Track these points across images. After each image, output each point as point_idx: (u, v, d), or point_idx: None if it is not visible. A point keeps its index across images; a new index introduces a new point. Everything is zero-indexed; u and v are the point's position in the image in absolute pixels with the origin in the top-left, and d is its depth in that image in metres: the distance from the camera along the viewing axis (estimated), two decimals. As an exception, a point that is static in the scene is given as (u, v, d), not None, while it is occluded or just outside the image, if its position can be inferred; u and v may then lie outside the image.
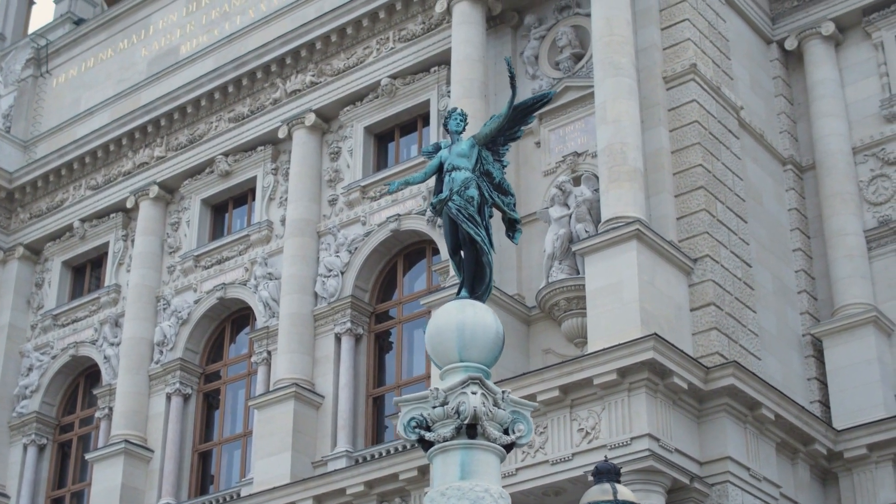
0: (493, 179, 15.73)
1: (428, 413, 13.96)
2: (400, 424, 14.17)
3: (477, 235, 15.28)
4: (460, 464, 13.37)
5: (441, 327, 14.52)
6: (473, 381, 13.63)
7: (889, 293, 31.46)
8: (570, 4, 33.14)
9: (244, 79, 38.95)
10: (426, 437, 13.97)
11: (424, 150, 16.88)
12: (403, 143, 36.70)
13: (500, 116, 15.90)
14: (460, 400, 13.68)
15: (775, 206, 32.62)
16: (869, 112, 33.16)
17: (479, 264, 15.41)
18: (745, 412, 27.42)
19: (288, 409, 33.63)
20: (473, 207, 15.36)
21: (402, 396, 14.24)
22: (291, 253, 35.95)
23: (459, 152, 15.77)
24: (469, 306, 14.59)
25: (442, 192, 15.74)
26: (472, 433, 13.69)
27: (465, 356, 14.23)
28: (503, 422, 13.87)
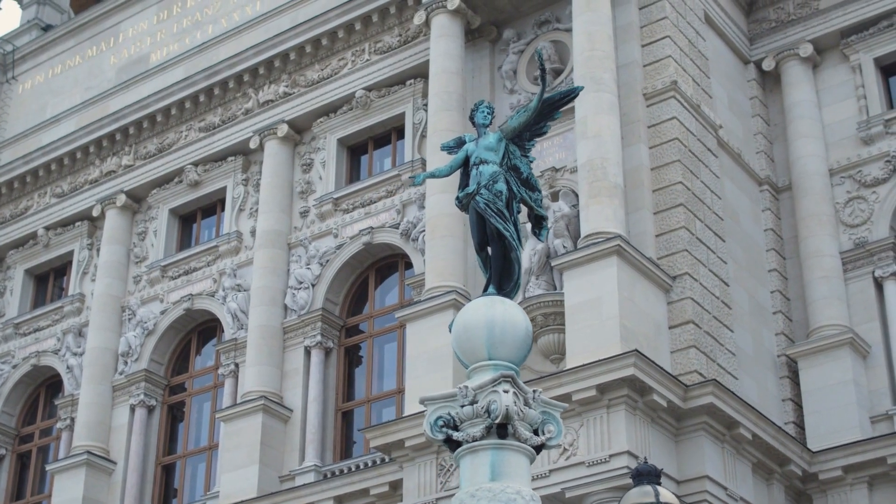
0: (520, 174, 15.35)
1: (456, 412, 13.51)
2: (426, 423, 13.69)
3: (506, 230, 14.88)
4: (490, 464, 12.93)
5: (469, 324, 14.06)
6: (505, 380, 13.18)
7: (864, 315, 31.36)
8: (550, 19, 32.96)
9: (216, 88, 38.55)
10: (454, 436, 13.53)
11: (444, 144, 16.52)
12: (377, 155, 36.38)
13: (529, 110, 15.52)
14: (491, 398, 13.23)
15: (752, 227, 32.51)
16: (846, 134, 33.11)
17: (506, 260, 15.01)
18: (724, 431, 27.21)
19: (256, 422, 33.18)
20: (502, 202, 14.96)
21: (428, 395, 13.79)
22: (261, 264, 35.53)
23: (487, 145, 15.37)
24: (499, 303, 14.13)
25: (468, 186, 15.32)
26: (502, 433, 13.25)
27: (493, 354, 13.76)
28: (533, 422, 13.45)
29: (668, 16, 31.43)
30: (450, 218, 30.48)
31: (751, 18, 35.11)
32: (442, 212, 30.60)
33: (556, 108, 15.56)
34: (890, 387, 30.61)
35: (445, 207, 30.55)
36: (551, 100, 15.53)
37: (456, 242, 30.35)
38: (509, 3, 33.24)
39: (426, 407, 13.76)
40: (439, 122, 31.75)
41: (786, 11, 34.57)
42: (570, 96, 15.72)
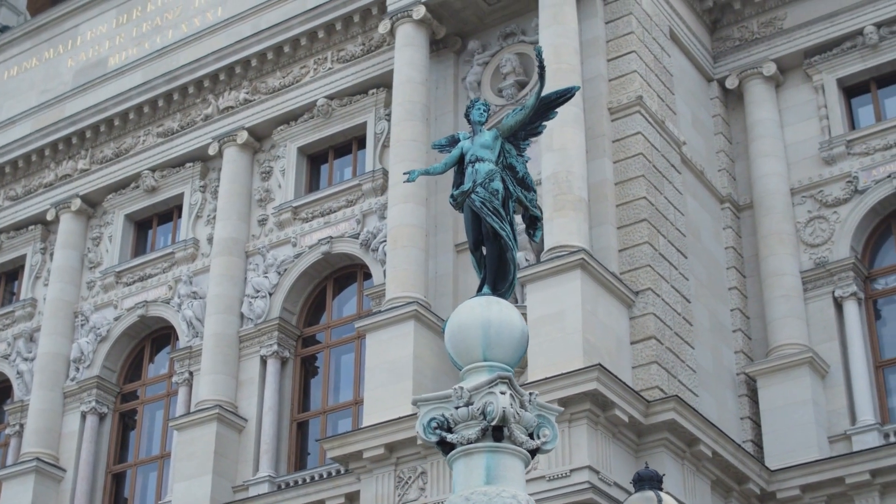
0: (516, 173, 15.10)
1: (450, 413, 13.21)
2: (419, 425, 13.39)
3: (502, 230, 14.64)
4: (485, 468, 12.62)
5: (464, 324, 13.76)
6: (502, 381, 12.92)
7: (824, 335, 31.37)
8: (515, 32, 32.84)
9: (175, 93, 38.16)
10: (448, 438, 13.24)
11: (436, 142, 16.28)
12: (337, 165, 36.11)
13: (526, 108, 15.31)
14: (487, 400, 12.93)
15: (713, 244, 32.48)
16: (808, 154, 33.16)
17: (502, 260, 14.76)
18: (684, 448, 27.10)
19: (210, 432, 32.79)
20: (498, 201, 14.72)
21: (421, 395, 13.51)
22: (218, 272, 35.15)
23: (483, 143, 15.12)
24: (494, 303, 13.84)
25: (463, 184, 15.07)
26: (497, 436, 12.95)
27: (489, 355, 13.48)
28: (529, 425, 13.14)
29: (635, 31, 31.39)
30: (412, 228, 30.30)
31: (715, 36, 35.13)
32: (404, 222, 30.40)
33: (552, 108, 15.38)
34: (848, 407, 30.62)
35: (408, 217, 30.39)
36: (547, 99, 15.35)
37: (418, 253, 30.13)
38: (474, 14, 33.11)
39: (419, 408, 13.48)
40: (402, 132, 31.55)
41: (750, 30, 34.62)
42: (566, 96, 15.55)
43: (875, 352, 31.37)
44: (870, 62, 33.19)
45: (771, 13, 34.45)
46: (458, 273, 30.95)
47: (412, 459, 27.49)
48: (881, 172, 31.99)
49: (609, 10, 31.82)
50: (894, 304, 31.94)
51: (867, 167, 32.17)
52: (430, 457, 27.17)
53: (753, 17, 34.65)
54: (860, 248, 32.11)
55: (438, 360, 29.06)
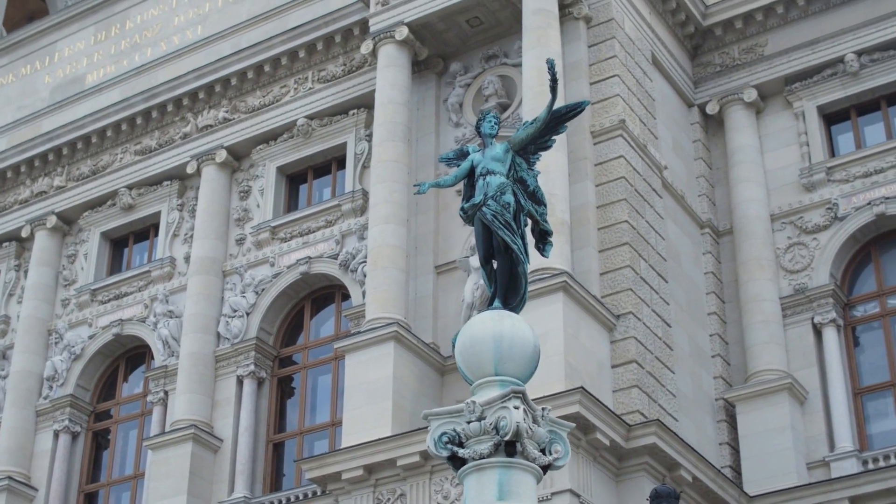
0: (527, 187, 14.95)
1: (462, 428, 13.02)
2: (430, 439, 13.18)
3: (513, 244, 14.47)
4: (498, 483, 12.43)
5: (476, 338, 13.57)
6: (516, 395, 12.75)
7: (802, 361, 31.38)
8: (498, 54, 32.80)
9: (154, 111, 38.00)
10: (459, 453, 13.05)
11: (443, 155, 16.13)
12: (317, 185, 35.97)
13: (538, 121, 15.19)
14: (500, 415, 12.74)
15: (693, 269, 32.47)
16: (788, 180, 33.22)
17: (513, 274, 14.62)
18: (664, 472, 27.02)
19: (185, 452, 32.57)
20: (510, 214, 14.56)
21: (432, 409, 13.32)
22: (195, 291, 34.95)
23: (494, 156, 14.97)
24: (507, 317, 13.69)
25: (473, 196, 14.92)
26: (510, 451, 12.78)
27: (500, 370, 13.29)
28: (541, 441, 12.98)
29: (618, 54, 31.41)
30: (392, 249, 30.16)
31: (696, 62, 35.19)
32: (385, 242, 30.26)
33: (562, 122, 15.27)
34: (827, 433, 30.61)
35: (389, 238, 30.25)
36: (558, 113, 15.23)
37: (398, 274, 29.98)
38: (457, 36, 33.07)
39: (429, 422, 13.29)
40: (384, 153, 31.44)
41: (731, 56, 34.69)
42: (576, 110, 15.44)
43: (854, 378, 31.39)
44: (850, 90, 33.30)
45: (752, 40, 34.55)
46: (438, 294, 30.84)
47: (391, 481, 27.29)
48: (861, 199, 32.06)
49: (592, 33, 31.84)
50: (873, 331, 31.97)
51: (847, 194, 32.25)
52: (410, 479, 27.03)
53: (734, 43, 34.73)
54: (839, 274, 32.16)
55: (418, 381, 28.94)
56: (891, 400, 31.11)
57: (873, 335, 31.92)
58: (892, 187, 31.84)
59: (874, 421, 31.19)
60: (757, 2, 34.43)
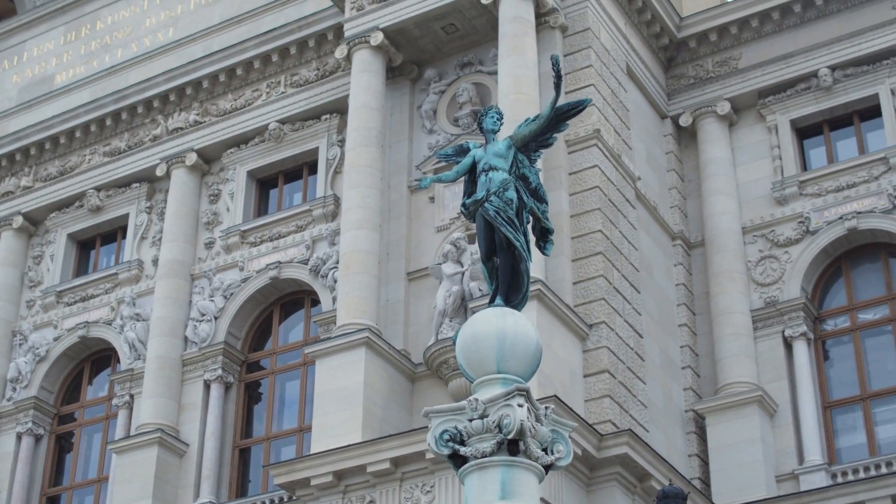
0: (528, 184, 14.81)
1: (464, 426, 12.85)
2: (430, 437, 12.98)
3: (516, 240, 14.31)
4: (501, 482, 12.25)
5: (479, 335, 13.38)
6: (520, 393, 12.58)
7: (772, 374, 31.39)
8: (473, 62, 32.71)
9: (123, 112, 37.72)
10: (461, 451, 12.87)
11: (441, 152, 15.96)
12: (287, 190, 35.78)
13: (541, 118, 15.05)
14: (504, 413, 12.57)
15: (664, 280, 32.44)
16: (760, 193, 33.25)
17: (515, 272, 14.46)
18: (635, 483, 26.95)
19: (150, 456, 32.31)
20: (512, 210, 14.40)
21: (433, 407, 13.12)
22: (163, 294, 34.68)
23: (496, 152, 14.81)
24: (510, 314, 13.52)
25: (475, 192, 14.75)
26: (513, 450, 12.63)
27: (503, 367, 13.11)
28: (544, 440, 12.83)
29: (593, 64, 31.39)
30: (365, 255, 29.98)
31: (669, 74, 35.20)
32: (357, 248, 30.07)
33: (564, 120, 15.14)
34: (796, 446, 30.63)
35: (361, 243, 30.08)
36: (560, 111, 15.10)
37: (370, 280, 29.80)
38: (432, 42, 32.94)
39: (430, 419, 13.10)
40: (357, 158, 31.27)
41: (704, 69, 34.72)
42: (577, 108, 15.32)
43: (823, 392, 31.42)
44: (823, 104, 33.37)
45: (726, 53, 34.60)
46: (409, 301, 30.68)
47: (361, 488, 27.09)
48: (833, 214, 32.12)
49: (568, 42, 31.81)
50: (843, 345, 32.01)
51: (819, 208, 32.30)
52: (380, 486, 26.85)
53: (708, 56, 34.77)
54: (810, 288, 32.20)
55: (389, 387, 28.78)
56: (860, 414, 31.15)
57: (843, 349, 31.95)
58: (864, 202, 31.90)
59: (843, 435, 31.21)
60: (731, 15, 34.49)
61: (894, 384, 31.02)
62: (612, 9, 33.03)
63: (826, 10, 33.58)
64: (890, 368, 31.32)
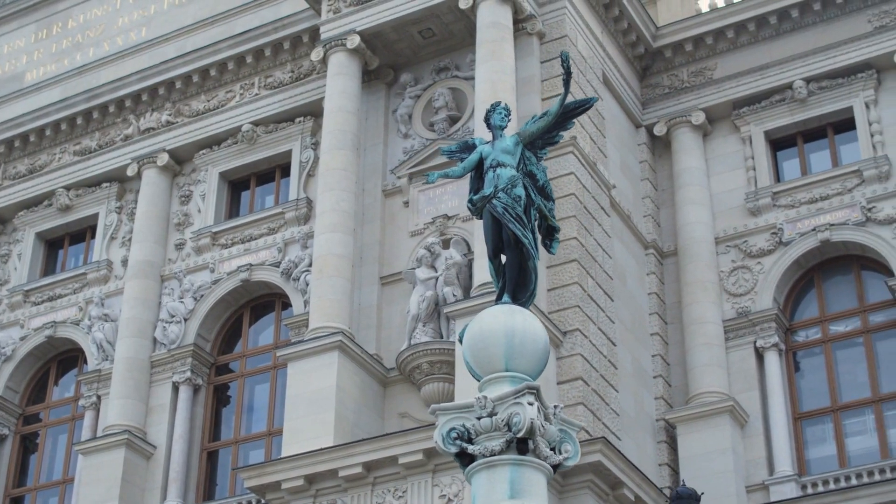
0: (536, 181, 14.69)
1: (472, 424, 12.72)
2: (437, 435, 12.83)
3: (524, 237, 14.17)
4: (510, 481, 12.15)
5: (486, 332, 13.24)
6: (530, 392, 12.45)
7: (743, 384, 31.40)
8: (449, 66, 32.63)
9: (95, 111, 37.43)
10: (469, 450, 12.74)
11: (445, 148, 15.83)
12: (259, 192, 35.59)
13: (549, 115, 14.96)
14: (513, 411, 12.44)
15: (637, 289, 32.41)
16: (734, 204, 33.28)
17: (522, 269, 14.32)
18: (608, 491, 26.85)
19: (117, 457, 32.05)
20: (521, 207, 14.27)
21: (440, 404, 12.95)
22: (132, 295, 34.40)
23: (504, 148, 14.69)
24: (518, 312, 13.37)
25: (482, 189, 14.61)
26: (522, 449, 12.49)
27: (511, 365, 12.98)
28: (552, 440, 12.72)
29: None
30: (338, 258, 29.83)
31: (644, 83, 35.20)
32: (331, 251, 29.91)
33: (570, 118, 15.08)
34: (766, 457, 30.64)
35: (335, 247, 29.92)
36: (567, 108, 15.01)
37: (343, 283, 29.63)
38: (408, 47, 32.84)
39: (437, 417, 12.95)
40: (332, 161, 31.11)
41: (679, 79, 34.75)
42: (584, 106, 15.26)
43: (794, 403, 31.46)
44: (797, 116, 33.44)
45: (701, 63, 34.63)
46: (382, 305, 30.54)
47: (332, 492, 26.92)
48: (806, 226, 32.18)
49: (545, 49, 31.76)
50: (814, 356, 32.05)
51: (792, 220, 32.35)
52: (351, 490, 26.70)
53: (684, 65, 34.81)
54: (782, 299, 32.25)
55: (361, 392, 28.64)
56: (830, 426, 31.20)
57: (814, 360, 32.00)
58: (837, 214, 31.97)
59: (813, 446, 31.25)
60: (707, 26, 34.55)
61: (865, 396, 31.08)
62: (590, 16, 33.02)
63: (802, 23, 33.67)
64: (860, 380, 31.40)
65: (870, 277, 32.02)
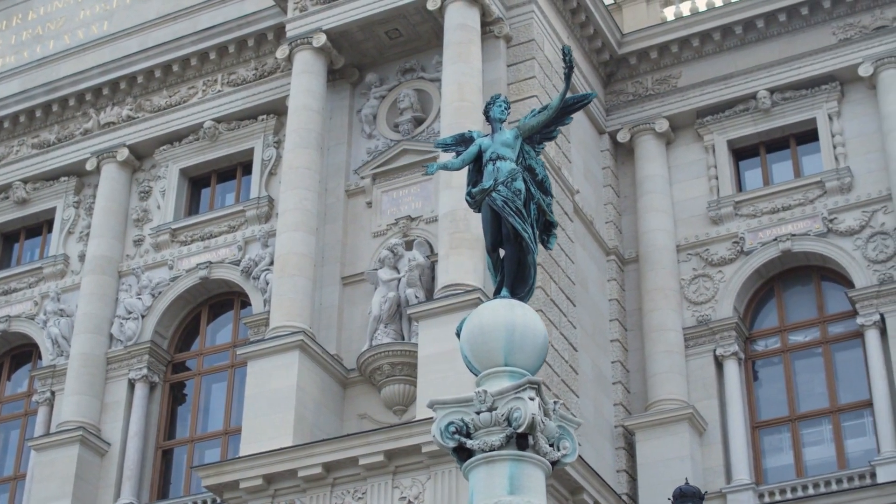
0: (535, 176, 14.57)
1: (471, 418, 12.57)
2: (435, 428, 12.68)
3: (524, 231, 14.03)
4: (509, 476, 11.98)
5: (486, 326, 13.07)
6: (532, 387, 12.33)
7: (703, 393, 31.44)
8: (415, 68, 32.50)
9: (55, 105, 37.04)
10: (467, 444, 12.60)
11: (440, 141, 15.65)
12: (220, 189, 35.34)
13: (550, 109, 14.78)
14: (514, 406, 12.28)
15: (598, 295, 32.40)
16: (696, 212, 33.31)
17: (522, 263, 14.19)
18: (567, 496, 26.85)
19: (71, 454, 31.71)
20: (520, 201, 14.15)
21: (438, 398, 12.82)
22: (89, 290, 34.07)
23: (504, 142, 14.54)
24: (518, 307, 13.22)
25: (480, 181, 14.47)
26: (522, 444, 12.36)
27: (511, 360, 12.82)
28: (551, 436, 12.59)
29: (537, 75, 31.33)
30: (300, 257, 29.64)
31: (608, 89, 35.21)
32: (293, 250, 29.71)
33: (569, 113, 14.91)
34: (724, 465, 30.68)
35: (297, 246, 29.72)
36: (567, 103, 14.90)
37: (305, 283, 29.44)
38: (374, 47, 32.69)
39: (435, 411, 12.80)
40: (296, 159, 30.92)
41: (644, 86, 34.78)
42: (583, 101, 15.13)
43: (752, 412, 31.52)
44: (760, 126, 33.53)
45: (666, 71, 34.68)
46: (343, 306, 30.36)
47: (290, 492, 26.72)
48: (767, 235, 32.26)
49: (512, 53, 31.72)
50: (773, 366, 32.14)
51: (754, 229, 32.43)
52: (310, 491, 26.53)
53: (648, 73, 34.84)
54: (742, 308, 32.31)
55: (321, 392, 28.46)
56: (787, 435, 31.27)
57: (773, 370, 32.08)
58: (799, 225, 32.07)
59: (770, 455, 31.33)
60: (672, 34, 34.61)
61: (822, 406, 31.18)
62: (556, 21, 33.00)
63: (767, 33, 33.78)
64: (818, 391, 31.51)
65: (830, 288, 32.14)
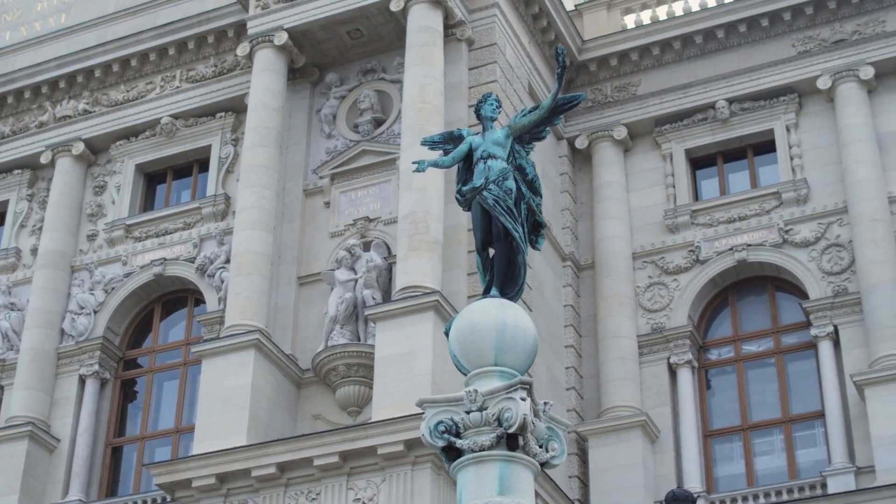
0: (525, 175, 14.55)
1: (460, 418, 12.50)
2: (424, 427, 12.58)
3: (515, 231, 14.01)
4: (499, 477, 11.89)
5: (477, 325, 13.00)
6: (523, 387, 12.28)
7: (656, 400, 31.53)
8: (376, 69, 32.43)
9: (10, 97, 36.65)
10: (457, 444, 12.52)
11: (427, 138, 15.57)
12: (176, 186, 35.10)
13: (542, 109, 14.79)
14: (504, 406, 12.22)
15: (554, 301, 32.42)
16: (652, 220, 33.40)
17: (511, 263, 14.18)
18: (521, 500, 26.76)
19: (20, 450, 31.40)
20: (511, 200, 14.11)
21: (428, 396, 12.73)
22: (41, 285, 33.76)
23: (495, 140, 14.51)
24: (509, 306, 13.20)
25: (470, 180, 14.43)
26: (512, 444, 12.30)
27: (501, 360, 12.77)
28: (541, 437, 12.54)
29: (498, 80, 31.30)
30: (257, 256, 29.50)
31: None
32: (249, 249, 29.58)
33: (558, 114, 14.95)
34: (676, 473, 30.75)
35: (254, 244, 29.59)
36: (558, 104, 14.89)
37: (262, 282, 29.30)
38: (336, 46, 32.60)
39: (424, 410, 12.73)
40: (254, 158, 30.79)
41: (603, 93, 34.83)
42: (572, 103, 15.14)
43: (705, 420, 31.64)
44: (718, 136, 33.65)
45: (625, 79, 34.76)
46: (299, 306, 30.24)
47: (243, 492, 26.58)
48: (723, 245, 32.38)
49: (474, 56, 31.70)
50: (725, 375, 32.28)
51: (710, 238, 32.55)
52: (263, 490, 26.40)
53: (608, 80, 34.90)
54: (697, 317, 32.42)
55: (275, 392, 28.33)
56: (739, 444, 31.41)
57: (726, 379, 32.22)
58: (755, 235, 32.22)
59: (722, 464, 31.46)
60: (633, 42, 34.70)
61: (774, 416, 31.33)
62: (518, 26, 33.02)
63: (727, 44, 33.93)
64: (770, 401, 31.66)
65: (784, 299, 32.32)
